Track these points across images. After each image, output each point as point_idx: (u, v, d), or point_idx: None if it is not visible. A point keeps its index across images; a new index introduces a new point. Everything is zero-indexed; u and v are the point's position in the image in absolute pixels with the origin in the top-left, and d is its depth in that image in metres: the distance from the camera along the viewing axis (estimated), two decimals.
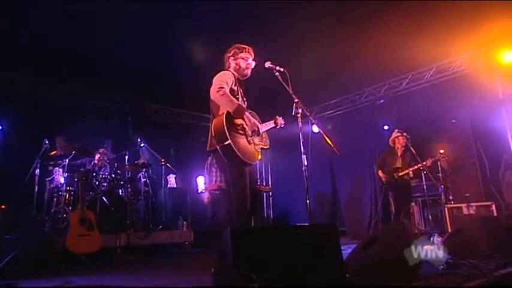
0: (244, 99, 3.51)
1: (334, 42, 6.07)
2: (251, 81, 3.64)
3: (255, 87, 3.73)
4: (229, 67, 3.56)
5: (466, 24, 5.62)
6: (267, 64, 3.45)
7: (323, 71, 6.71)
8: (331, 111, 8.93)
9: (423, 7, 5.35)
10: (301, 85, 3.65)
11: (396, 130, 6.44)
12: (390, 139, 6.48)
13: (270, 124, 3.57)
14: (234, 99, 3.21)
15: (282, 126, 3.71)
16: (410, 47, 6.03)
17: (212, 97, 3.22)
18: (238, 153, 3.08)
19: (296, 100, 3.29)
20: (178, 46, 6.10)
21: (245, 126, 3.27)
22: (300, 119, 3.30)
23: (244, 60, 3.51)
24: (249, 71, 3.52)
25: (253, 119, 3.41)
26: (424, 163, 5.94)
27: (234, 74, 3.46)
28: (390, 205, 6.37)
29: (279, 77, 3.35)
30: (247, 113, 3.32)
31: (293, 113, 3.32)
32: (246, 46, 3.58)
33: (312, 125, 3.47)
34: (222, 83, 3.24)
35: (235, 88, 3.39)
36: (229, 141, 3.05)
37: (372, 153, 7.74)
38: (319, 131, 3.40)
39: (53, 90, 7.01)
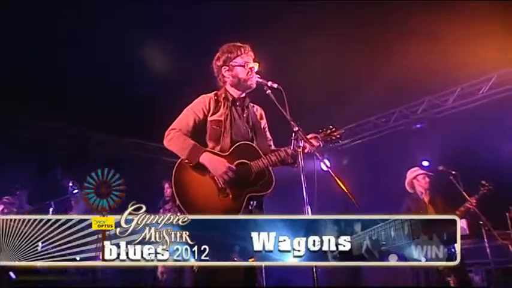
0: (247, 125, 3.37)
1: (353, 47, 6.06)
2: None
3: None
4: (224, 83, 3.37)
5: None
6: (255, 79, 3.28)
7: (335, 86, 6.57)
8: (347, 141, 8.65)
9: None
10: (305, 106, 3.75)
11: (415, 168, 6.01)
12: (406, 182, 6.00)
13: (271, 158, 3.14)
14: (184, 142, 3.12)
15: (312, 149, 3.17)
16: (459, 52, 5.92)
17: (164, 144, 3.24)
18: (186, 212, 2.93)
19: (296, 129, 3.02)
20: (131, 54, 6.20)
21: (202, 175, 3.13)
22: (301, 154, 3.05)
23: (244, 67, 3.28)
24: (253, 81, 3.28)
25: (221, 162, 3.08)
26: (467, 204, 5.43)
27: (221, 95, 3.34)
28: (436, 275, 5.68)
29: (271, 96, 3.12)
30: (208, 154, 3.08)
31: (292, 147, 3.12)
32: (241, 45, 3.34)
33: (320, 161, 3.15)
34: (178, 123, 3.22)
35: (222, 118, 3.26)
36: (177, 202, 3.00)
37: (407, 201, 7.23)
38: (328, 170, 3.03)
39: None
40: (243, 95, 3.41)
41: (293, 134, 3.07)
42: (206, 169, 3.06)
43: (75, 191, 6.38)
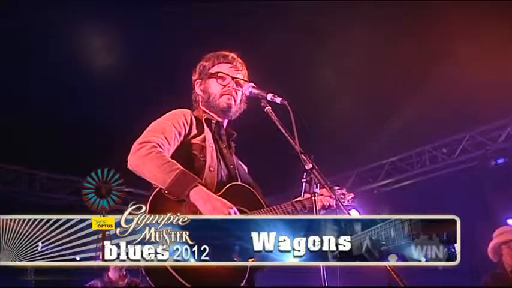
0: (229, 163, 3.12)
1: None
2: None
3: None
4: (197, 103, 3.26)
5: None
6: (248, 89, 3.07)
7: (367, 98, 6.38)
8: (384, 182, 8.11)
9: None
10: (322, 131, 3.33)
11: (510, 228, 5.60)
12: (492, 245, 5.56)
13: (277, 212, 2.99)
14: (167, 164, 2.72)
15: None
16: None
17: (128, 164, 2.84)
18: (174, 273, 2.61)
19: (309, 166, 2.68)
20: None
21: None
22: (316, 205, 2.72)
23: (218, 79, 3.14)
24: (231, 102, 3.13)
25: (222, 204, 2.72)
26: None
27: (202, 115, 3.15)
28: None
29: (272, 116, 2.89)
30: (202, 190, 2.71)
31: (302, 192, 2.90)
32: (224, 53, 3.24)
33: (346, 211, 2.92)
34: (153, 136, 2.86)
35: (205, 144, 3.00)
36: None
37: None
38: None
39: None
40: (225, 122, 3.23)
41: (305, 173, 2.71)
42: (196, 210, 2.67)
43: None
